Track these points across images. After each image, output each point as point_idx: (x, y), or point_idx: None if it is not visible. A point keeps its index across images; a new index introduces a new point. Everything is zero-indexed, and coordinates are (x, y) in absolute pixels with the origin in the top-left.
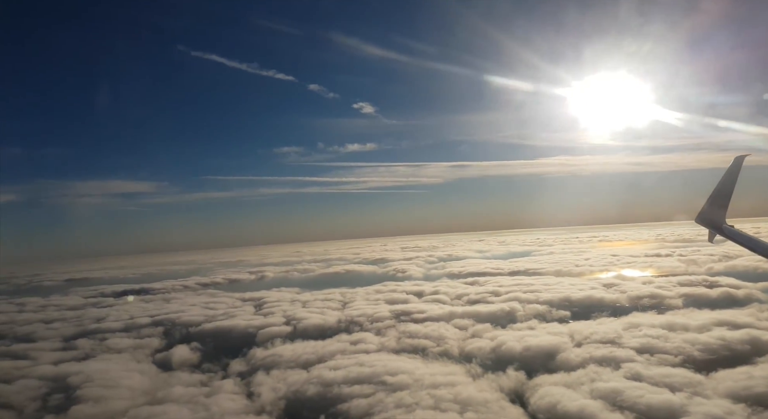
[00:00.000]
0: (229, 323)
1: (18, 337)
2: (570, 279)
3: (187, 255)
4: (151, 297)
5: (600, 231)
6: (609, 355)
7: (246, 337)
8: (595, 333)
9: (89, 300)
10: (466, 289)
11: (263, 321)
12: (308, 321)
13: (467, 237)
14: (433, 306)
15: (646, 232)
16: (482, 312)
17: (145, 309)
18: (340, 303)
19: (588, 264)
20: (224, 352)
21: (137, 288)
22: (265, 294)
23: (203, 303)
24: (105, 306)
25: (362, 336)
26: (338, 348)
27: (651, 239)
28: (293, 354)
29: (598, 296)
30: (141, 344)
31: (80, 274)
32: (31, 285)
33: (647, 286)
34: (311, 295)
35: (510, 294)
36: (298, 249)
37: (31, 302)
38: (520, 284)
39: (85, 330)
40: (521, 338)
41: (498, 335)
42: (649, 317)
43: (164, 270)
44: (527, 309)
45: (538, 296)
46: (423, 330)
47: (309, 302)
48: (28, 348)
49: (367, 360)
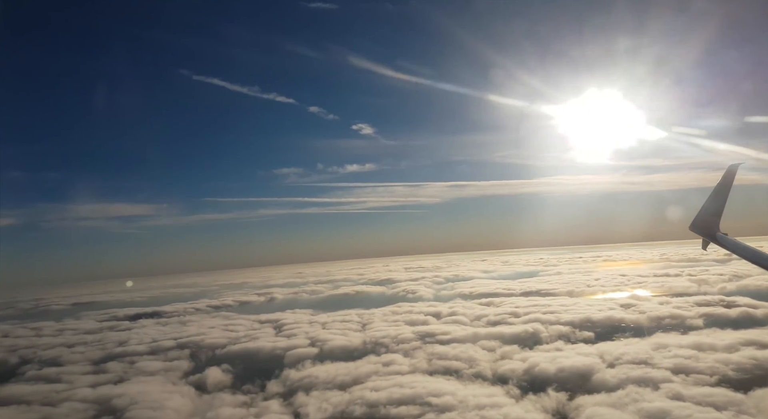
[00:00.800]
0: (255, 345)
1: (45, 361)
2: (585, 300)
3: (189, 278)
4: (166, 320)
5: (601, 250)
6: (645, 376)
7: (274, 359)
8: (625, 353)
9: (104, 324)
10: (483, 310)
11: (288, 343)
12: (333, 342)
13: (468, 257)
14: (454, 327)
15: (648, 251)
16: (506, 334)
17: (164, 333)
18: (359, 325)
19: (599, 284)
20: (256, 374)
21: (150, 311)
22: (280, 316)
23: (221, 325)
24: (122, 329)
25: (392, 358)
26: (371, 369)
27: (655, 258)
28: (327, 375)
29: (618, 316)
30: (171, 366)
31: (86, 298)
32: (38, 309)
33: (665, 307)
34: (328, 317)
35: (530, 315)
36: (300, 270)
37: (46, 326)
38: (537, 305)
39: (111, 354)
40: (553, 359)
41: (528, 356)
42: (674, 337)
43: (169, 292)
44: (551, 331)
45: (558, 317)
46: (451, 351)
47: (328, 323)
48: (59, 372)
49: (405, 382)
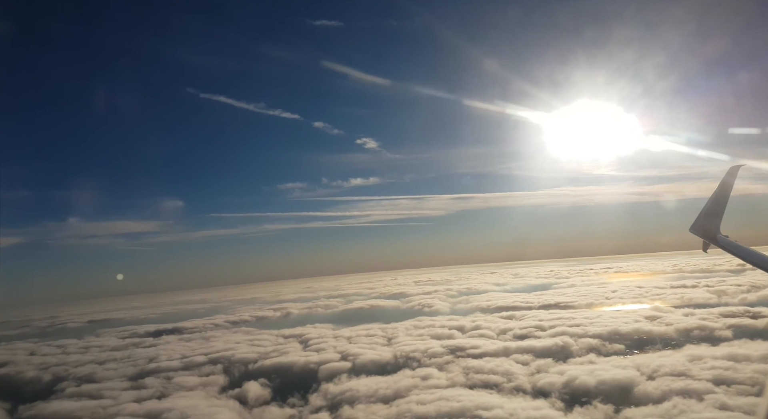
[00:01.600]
0: (287, 359)
1: (80, 378)
2: (608, 313)
3: (197, 294)
4: (189, 336)
5: (610, 262)
6: (687, 387)
7: (309, 373)
8: (662, 366)
9: (127, 341)
10: (507, 324)
11: (319, 357)
12: (364, 356)
13: (476, 269)
14: (482, 341)
15: (659, 262)
16: (537, 347)
17: (191, 348)
18: (384, 339)
19: (617, 296)
20: (294, 387)
21: (170, 327)
22: (302, 331)
23: (246, 340)
24: (148, 346)
25: (427, 372)
26: (410, 383)
27: (668, 270)
28: (367, 389)
29: (645, 329)
30: (207, 381)
31: (100, 316)
32: (54, 327)
33: (690, 318)
34: (350, 331)
35: (556, 328)
36: (308, 284)
37: (69, 344)
38: (561, 318)
39: (144, 370)
40: (591, 372)
41: (564, 369)
42: (706, 349)
43: (182, 309)
44: (580, 343)
45: (585, 330)
46: (486, 365)
47: (353, 338)
48: (98, 388)
49: (448, 395)
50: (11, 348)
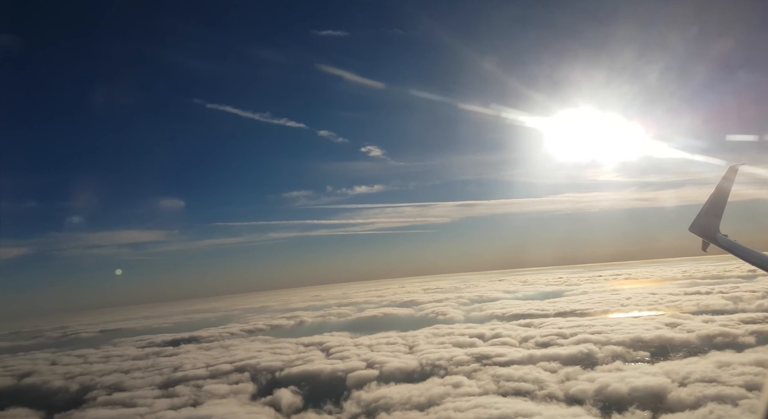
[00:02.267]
0: (313, 367)
1: (109, 387)
2: (627, 320)
3: (205, 303)
4: (207, 344)
5: (618, 268)
6: (721, 393)
7: (337, 381)
8: (692, 372)
9: (146, 351)
10: (527, 332)
11: (345, 365)
12: (390, 364)
13: (483, 276)
14: (507, 349)
15: (667, 269)
16: (562, 355)
17: (213, 357)
18: (405, 347)
19: (632, 303)
20: (325, 395)
21: (186, 336)
22: (321, 339)
23: (267, 349)
24: (169, 355)
25: (457, 380)
26: (442, 391)
27: (678, 276)
28: (401, 396)
29: (668, 336)
30: (237, 389)
31: (111, 325)
32: (68, 337)
33: (710, 325)
34: (369, 339)
35: (578, 336)
36: (315, 292)
37: (89, 354)
38: (581, 325)
39: (172, 378)
40: (622, 379)
41: (594, 377)
42: (732, 355)
43: (193, 318)
44: (605, 351)
45: (608, 337)
46: (515, 373)
47: (374, 346)
48: (130, 397)
49: (484, 403)
50: (31, 358)
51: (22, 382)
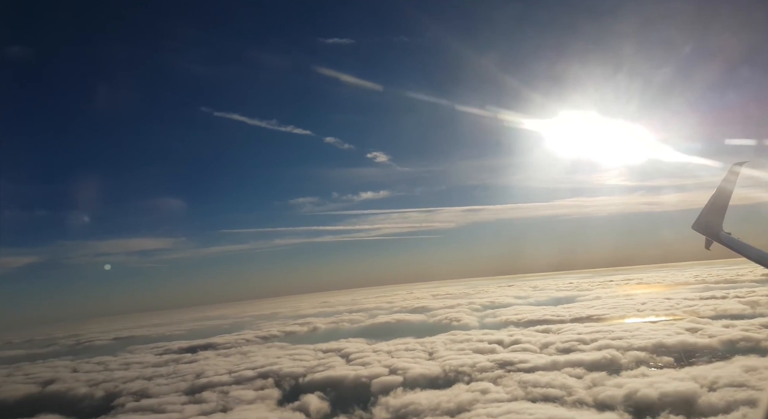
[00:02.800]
0: (336, 374)
1: (135, 393)
2: (645, 325)
3: (213, 310)
4: (225, 351)
5: (628, 273)
6: (753, 397)
7: (362, 387)
8: (719, 377)
9: (164, 358)
10: (547, 338)
11: (367, 371)
12: (413, 370)
13: (491, 282)
14: (529, 355)
15: (679, 273)
16: (586, 361)
17: (234, 363)
18: (425, 353)
19: (649, 308)
20: (352, 401)
21: (202, 343)
22: (338, 346)
23: (286, 355)
24: (189, 362)
25: (484, 386)
26: (471, 397)
27: (690, 280)
28: (430, 402)
29: (690, 341)
30: (263, 395)
31: (124, 333)
32: (82, 345)
33: (731, 330)
34: (387, 345)
35: (599, 341)
36: (323, 299)
37: (108, 361)
38: (600, 331)
39: (196, 385)
40: (650, 385)
41: (621, 383)
42: (758, 360)
43: (204, 325)
44: (628, 357)
45: (629, 343)
46: (541, 379)
47: (393, 352)
48: (159, 403)
49: (516, 408)
50: (51, 366)
51: (47, 389)
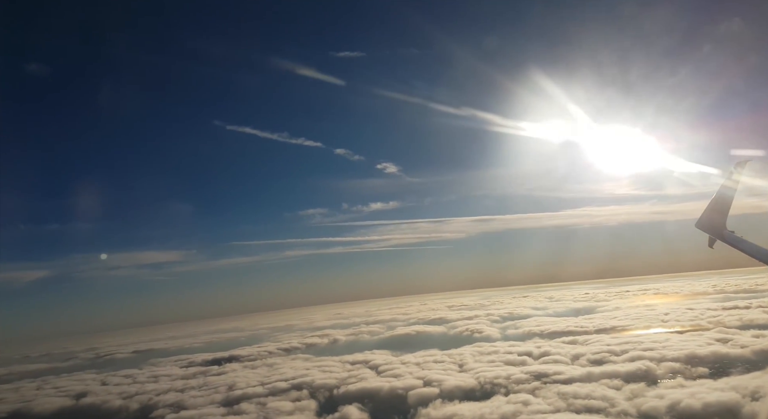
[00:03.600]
0: (369, 385)
1: (171, 406)
2: (674, 336)
3: (226, 322)
4: (250, 363)
5: (643, 283)
6: None
7: (398, 398)
8: (760, 386)
9: (190, 370)
10: (576, 349)
11: (402, 383)
12: (448, 382)
13: (504, 292)
14: (562, 367)
15: (695, 283)
16: (621, 372)
17: (264, 375)
18: (454, 365)
19: (672, 319)
20: (391, 412)
21: (225, 355)
22: (365, 357)
23: (313, 367)
24: (216, 374)
25: (524, 398)
26: (513, 409)
27: (709, 290)
28: (472, 414)
29: (723, 351)
30: (301, 406)
31: (142, 346)
32: (103, 358)
33: (763, 340)
34: (414, 357)
35: (630, 353)
36: (335, 310)
37: (134, 374)
38: (628, 342)
39: (231, 396)
40: (692, 395)
41: (662, 393)
42: None
43: (222, 337)
44: (662, 367)
45: (661, 354)
46: (580, 390)
47: (421, 364)
48: (199, 415)
49: None
50: (78, 379)
51: (80, 402)
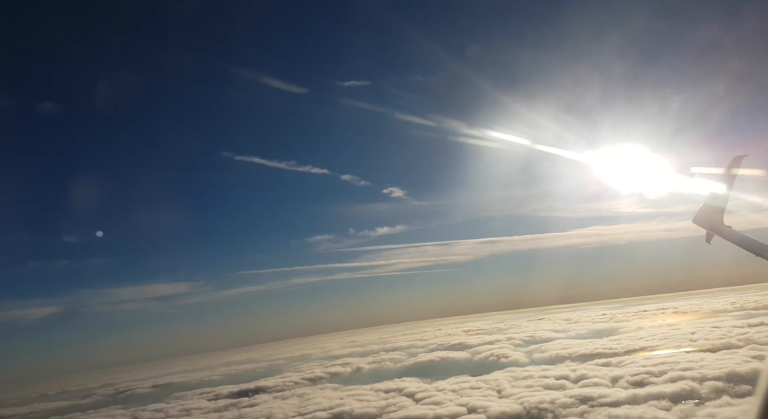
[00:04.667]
0: (414, 413)
1: None
2: (708, 355)
3: (239, 354)
4: (279, 394)
5: (659, 302)
6: None
7: None
8: None
9: (219, 403)
10: (612, 371)
11: (445, 410)
12: (493, 409)
13: (517, 315)
14: (604, 390)
15: (712, 301)
16: (667, 393)
17: (299, 406)
18: (492, 391)
19: (701, 337)
20: None
21: (251, 387)
22: (395, 386)
23: (347, 396)
24: (249, 406)
25: None
26: None
27: (729, 308)
28: None
29: (763, 368)
30: None
31: (160, 380)
32: (123, 394)
33: None
34: (447, 384)
35: (669, 373)
36: (348, 338)
37: (164, 408)
38: (664, 362)
39: None
40: (743, 413)
41: (714, 413)
42: None
43: (239, 369)
44: (706, 387)
45: (701, 373)
46: (631, 412)
47: (458, 391)
48: None
49: None
50: (108, 416)
51: None
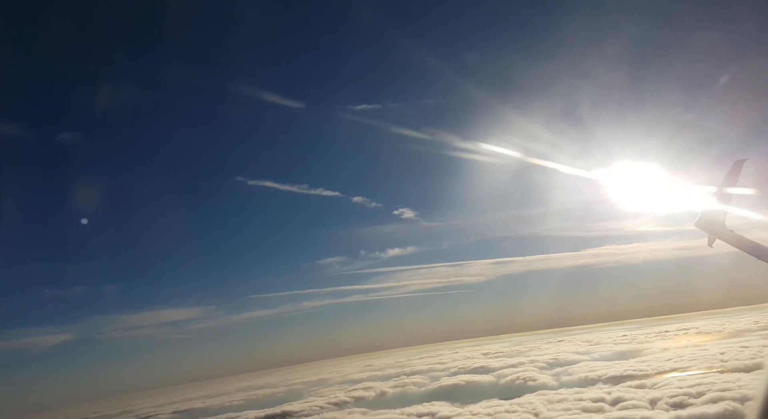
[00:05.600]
0: None
1: None
2: (744, 375)
3: (254, 379)
4: None
5: (678, 322)
6: None
7: None
8: None
9: None
10: (649, 393)
11: None
12: None
13: (534, 337)
14: (645, 412)
15: (734, 320)
16: (710, 414)
17: None
18: (529, 415)
19: (732, 357)
20: None
21: (278, 412)
22: (426, 410)
23: None
24: None
25: None
26: None
27: (753, 327)
28: None
29: None
30: None
31: (180, 406)
32: None
33: None
34: (480, 408)
35: (708, 394)
36: (361, 361)
37: None
38: (700, 383)
39: None
40: None
41: None
42: None
43: (258, 394)
44: (748, 407)
45: (741, 393)
46: None
47: (493, 415)
48: None
49: None
50: None
51: None
